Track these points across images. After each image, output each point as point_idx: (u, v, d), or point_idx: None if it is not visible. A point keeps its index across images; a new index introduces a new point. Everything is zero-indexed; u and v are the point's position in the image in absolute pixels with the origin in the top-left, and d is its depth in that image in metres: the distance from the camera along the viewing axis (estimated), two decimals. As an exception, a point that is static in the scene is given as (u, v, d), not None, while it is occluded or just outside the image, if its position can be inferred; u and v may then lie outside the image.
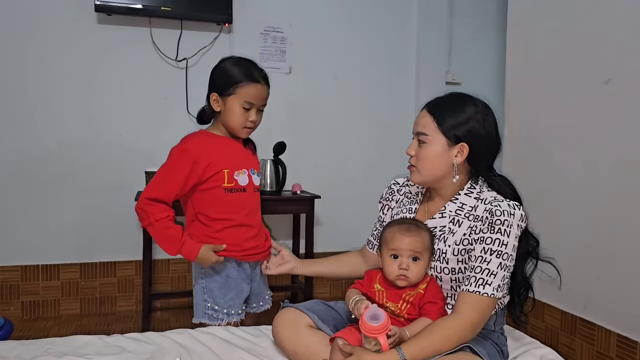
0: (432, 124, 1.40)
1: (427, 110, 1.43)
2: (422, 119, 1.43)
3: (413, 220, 1.46)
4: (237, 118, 1.74)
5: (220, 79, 1.77)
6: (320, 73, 3.45)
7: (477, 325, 1.30)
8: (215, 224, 1.78)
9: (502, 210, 1.33)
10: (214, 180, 1.77)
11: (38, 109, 2.98)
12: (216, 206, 1.78)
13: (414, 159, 1.44)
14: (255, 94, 1.74)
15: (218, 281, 1.80)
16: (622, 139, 2.17)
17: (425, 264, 1.39)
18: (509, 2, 2.83)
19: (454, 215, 1.42)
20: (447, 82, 3.67)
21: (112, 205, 3.10)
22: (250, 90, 1.73)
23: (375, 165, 3.51)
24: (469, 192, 1.43)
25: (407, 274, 1.36)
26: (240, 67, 1.76)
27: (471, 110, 1.40)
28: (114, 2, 2.92)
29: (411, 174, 1.47)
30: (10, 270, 2.99)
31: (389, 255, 1.39)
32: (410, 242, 1.36)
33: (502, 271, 1.31)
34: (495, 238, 1.32)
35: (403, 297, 1.37)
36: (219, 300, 1.79)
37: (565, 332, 2.43)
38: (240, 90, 1.72)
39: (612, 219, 2.20)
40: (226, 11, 3.11)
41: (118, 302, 3.17)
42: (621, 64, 2.17)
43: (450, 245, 1.39)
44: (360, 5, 3.49)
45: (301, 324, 1.48)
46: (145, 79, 3.13)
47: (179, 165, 1.74)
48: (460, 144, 1.39)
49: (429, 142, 1.40)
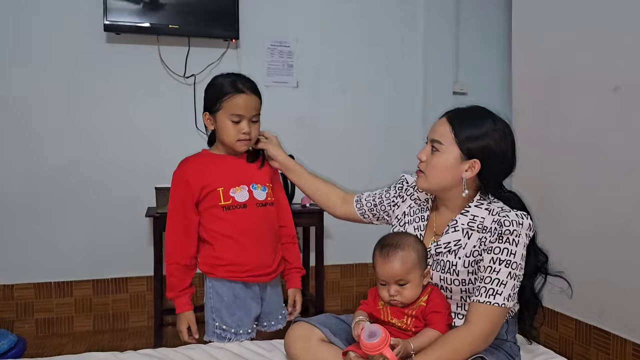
0: (449, 134, 1.39)
1: (447, 119, 1.42)
2: (440, 127, 1.42)
3: (396, 237, 1.41)
4: (229, 132, 1.71)
5: (207, 97, 1.76)
6: (327, 86, 3.47)
7: (489, 336, 1.30)
8: (218, 244, 1.75)
9: (511, 220, 1.32)
10: (209, 200, 1.75)
11: (47, 128, 3.02)
12: (216, 225, 1.75)
13: (424, 164, 1.43)
14: (241, 105, 1.69)
15: (225, 301, 1.77)
16: (633, 147, 2.16)
17: (416, 282, 1.36)
18: (513, 11, 2.84)
19: (467, 228, 1.41)
20: (454, 93, 3.68)
21: (123, 221, 3.13)
22: (235, 102, 1.69)
23: (384, 177, 3.48)
24: (479, 204, 1.42)
25: (398, 299, 1.35)
26: (224, 81, 1.73)
27: (489, 127, 1.38)
28: (122, 22, 2.97)
29: (418, 178, 1.47)
30: (24, 287, 3.02)
31: (379, 281, 1.39)
32: (390, 271, 1.34)
33: (511, 280, 1.31)
34: (503, 248, 1.32)
35: (406, 312, 1.37)
36: (227, 320, 1.76)
37: (580, 342, 2.41)
38: (225, 104, 1.69)
39: (625, 226, 2.18)
40: (233, 27, 3.15)
41: (130, 318, 3.19)
42: (630, 71, 2.17)
43: (460, 257, 1.39)
44: (366, 18, 3.52)
45: (313, 338, 1.48)
46: (154, 96, 3.17)
47: (175, 189, 1.78)
48: (473, 159, 1.38)
49: (442, 151, 1.39)
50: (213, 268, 1.76)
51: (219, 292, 1.78)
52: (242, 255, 1.74)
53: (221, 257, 1.75)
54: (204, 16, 3.11)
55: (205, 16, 3.11)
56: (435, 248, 1.43)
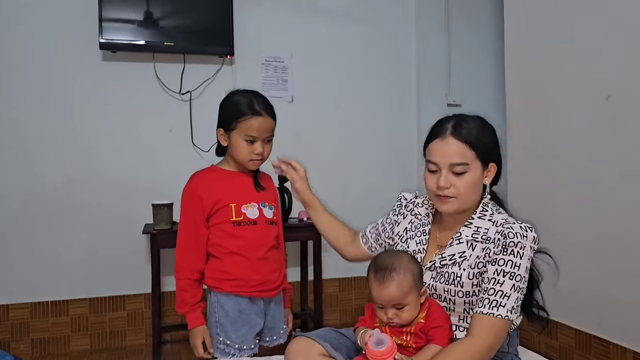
0: (469, 152, 1.37)
1: (457, 138, 1.37)
2: (454, 147, 1.36)
3: (390, 259, 1.38)
4: (243, 151, 1.74)
5: (224, 114, 1.78)
6: (322, 101, 3.49)
7: (492, 348, 1.30)
8: (226, 258, 1.77)
9: (515, 232, 1.33)
10: (221, 215, 1.77)
11: (44, 145, 3.02)
12: (226, 240, 1.77)
13: (452, 189, 1.37)
14: (256, 127, 1.72)
15: (230, 316, 1.77)
16: (625, 155, 2.18)
17: (414, 304, 1.35)
18: (506, 23, 2.88)
19: (471, 240, 1.41)
20: (448, 104, 3.70)
21: (119, 239, 3.11)
22: (251, 124, 1.71)
23: (379, 189, 3.52)
24: (482, 215, 1.43)
25: (396, 321, 1.35)
26: (242, 101, 1.75)
27: (488, 129, 1.43)
28: (118, 40, 2.98)
29: (446, 204, 1.40)
30: (20, 307, 3.00)
31: (376, 304, 1.38)
32: (387, 296, 1.33)
33: (515, 293, 1.31)
34: (507, 260, 1.32)
35: (405, 330, 1.37)
36: (231, 335, 1.76)
37: (580, 351, 2.41)
38: (241, 124, 1.72)
39: (622, 235, 2.19)
40: (228, 43, 3.17)
41: (128, 336, 3.16)
42: (621, 80, 2.20)
43: (465, 269, 1.39)
44: (359, 32, 3.55)
45: (313, 353, 1.46)
46: (150, 113, 3.18)
47: (187, 203, 1.79)
48: (490, 164, 1.41)
49: (469, 170, 1.37)
50: (220, 282, 1.77)
51: (224, 306, 1.78)
52: (250, 270, 1.77)
53: (229, 271, 1.76)
54: (199, 33, 3.13)
55: (200, 33, 3.13)
56: (440, 260, 1.43)
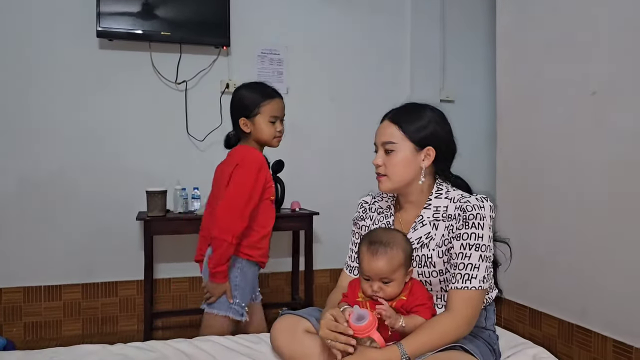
0: (398, 132, 1.46)
1: (390, 121, 1.49)
2: (386, 129, 1.48)
3: (385, 234, 1.42)
4: (269, 131, 2.00)
5: (244, 104, 2.01)
6: (316, 93, 3.54)
7: (471, 320, 1.36)
8: (263, 230, 2.02)
9: (472, 205, 1.39)
10: (268, 192, 2.02)
11: (40, 132, 3.05)
12: (266, 214, 2.03)
13: (383, 167, 1.48)
14: (277, 108, 2.02)
15: (248, 282, 2.03)
16: (609, 147, 2.23)
17: (400, 281, 1.38)
18: (497, 19, 2.93)
19: (433, 220, 1.46)
20: (441, 100, 3.75)
21: (113, 225, 3.15)
22: (273, 106, 2.00)
23: (372, 182, 3.55)
24: (439, 195, 1.49)
25: (380, 295, 1.38)
26: (258, 88, 2.04)
27: (430, 115, 1.48)
28: (115, 28, 3.02)
29: (380, 183, 1.51)
30: (13, 291, 3.03)
31: (363, 276, 1.41)
32: (376, 269, 1.36)
33: (483, 262, 1.37)
34: (471, 232, 1.38)
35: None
36: (245, 298, 2.01)
37: (562, 340, 2.46)
38: (264, 108, 1.99)
39: (605, 226, 2.24)
40: (224, 34, 3.21)
41: (120, 322, 3.19)
42: (606, 76, 2.25)
43: (434, 249, 1.44)
44: (354, 26, 3.60)
45: (298, 329, 1.50)
46: (145, 102, 3.21)
47: (255, 174, 1.96)
48: (427, 148, 1.46)
49: (397, 150, 1.45)
50: (251, 250, 2.00)
51: (246, 273, 2.02)
52: (268, 242, 2.08)
53: (262, 242, 2.03)
54: (196, 23, 3.17)
55: (197, 23, 3.17)
56: None
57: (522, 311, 2.70)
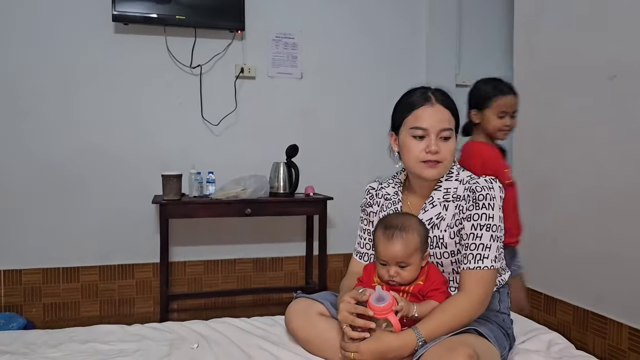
0: (452, 119, 1.46)
1: (443, 106, 1.44)
2: (442, 114, 1.43)
3: (401, 219, 1.41)
4: (497, 124, 2.05)
5: (476, 97, 2.10)
6: (331, 78, 3.52)
7: (484, 300, 1.36)
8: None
9: (482, 186, 1.40)
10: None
11: (57, 116, 3.08)
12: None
13: (439, 155, 1.42)
14: (506, 104, 2.05)
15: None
16: (627, 135, 2.19)
17: (416, 265, 1.38)
18: (515, 4, 2.88)
19: (443, 201, 1.46)
20: (457, 85, 3.71)
21: (129, 208, 3.18)
22: (502, 101, 2.04)
23: (386, 167, 3.55)
24: (449, 178, 1.49)
25: (397, 279, 1.38)
26: (491, 85, 2.09)
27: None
28: (130, 12, 3.02)
29: (433, 169, 1.43)
30: (32, 272, 3.08)
31: (379, 261, 1.41)
32: (393, 253, 1.36)
33: (495, 242, 1.38)
34: (482, 213, 1.38)
35: (402, 289, 1.40)
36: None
37: (577, 327, 2.45)
38: (495, 103, 2.04)
39: (621, 212, 2.22)
40: (239, 19, 3.20)
41: (136, 304, 3.24)
42: (626, 60, 2.21)
43: (445, 229, 1.44)
44: (369, 10, 3.56)
45: (313, 313, 1.51)
46: (160, 86, 3.23)
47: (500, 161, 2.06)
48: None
49: (452, 137, 1.44)
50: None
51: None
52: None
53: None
54: (210, 7, 3.16)
55: (212, 7, 3.16)
56: None
57: (536, 298, 2.69)
